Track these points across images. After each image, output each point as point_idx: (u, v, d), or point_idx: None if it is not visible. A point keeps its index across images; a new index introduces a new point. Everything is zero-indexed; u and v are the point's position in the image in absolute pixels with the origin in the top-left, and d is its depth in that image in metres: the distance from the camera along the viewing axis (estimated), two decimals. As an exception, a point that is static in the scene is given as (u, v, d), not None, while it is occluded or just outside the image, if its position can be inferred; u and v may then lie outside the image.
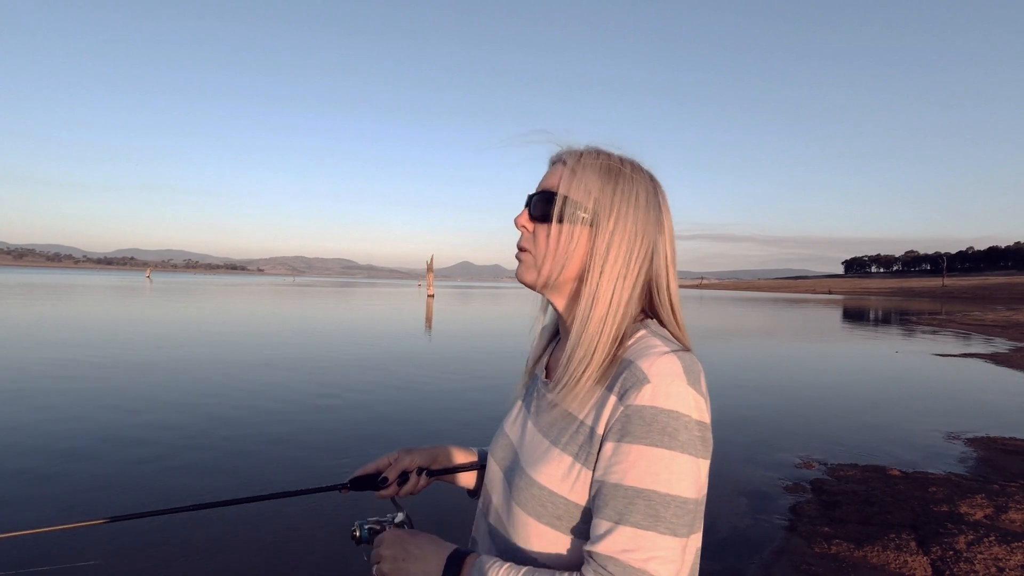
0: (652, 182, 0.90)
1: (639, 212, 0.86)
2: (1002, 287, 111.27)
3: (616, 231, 0.85)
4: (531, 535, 0.83)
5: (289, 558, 3.57)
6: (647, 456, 0.75)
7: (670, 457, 0.74)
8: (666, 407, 0.75)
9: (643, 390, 0.76)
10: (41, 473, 4.79)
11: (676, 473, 0.74)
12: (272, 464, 5.21)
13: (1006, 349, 17.54)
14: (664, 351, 0.80)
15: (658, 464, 0.74)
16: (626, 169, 0.88)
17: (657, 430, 0.75)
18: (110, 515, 1.06)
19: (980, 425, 7.48)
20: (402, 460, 1.07)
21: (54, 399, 7.39)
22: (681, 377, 0.77)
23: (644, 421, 0.75)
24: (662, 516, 0.73)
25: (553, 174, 0.90)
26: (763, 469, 5.52)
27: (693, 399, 0.77)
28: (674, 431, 0.75)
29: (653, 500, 0.73)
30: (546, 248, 0.88)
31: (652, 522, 0.73)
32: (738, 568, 3.62)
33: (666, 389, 0.76)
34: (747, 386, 10.08)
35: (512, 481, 0.89)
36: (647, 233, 0.87)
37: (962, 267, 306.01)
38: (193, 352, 12.06)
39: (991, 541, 3.75)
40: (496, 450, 0.99)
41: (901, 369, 13.47)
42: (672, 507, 0.74)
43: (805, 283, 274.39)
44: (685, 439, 0.75)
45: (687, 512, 0.75)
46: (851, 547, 3.82)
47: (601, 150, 0.90)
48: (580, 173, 0.87)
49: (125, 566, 3.40)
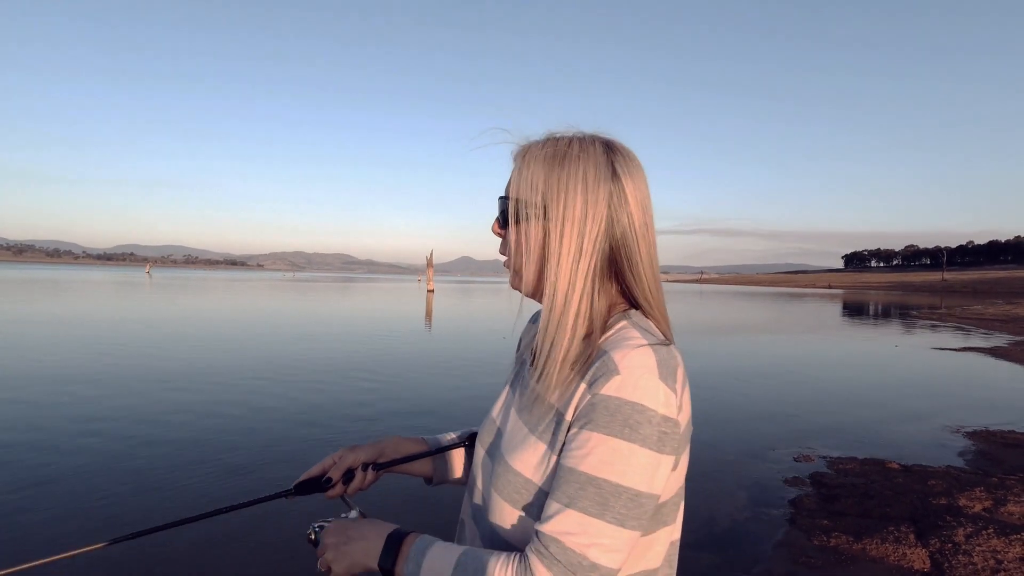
0: (607, 152, 0.85)
1: (588, 191, 0.82)
2: (1002, 281, 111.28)
3: (565, 217, 0.83)
4: (507, 520, 0.84)
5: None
6: (605, 445, 0.75)
7: (628, 449, 0.74)
8: (631, 399, 0.75)
9: (612, 380, 0.76)
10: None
11: (632, 466, 0.74)
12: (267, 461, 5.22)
13: (1006, 343, 17.55)
14: (640, 343, 0.78)
15: (615, 454, 0.74)
16: (573, 150, 0.85)
17: (619, 421, 0.74)
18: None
19: (979, 419, 7.49)
20: (346, 458, 1.05)
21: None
22: (652, 371, 0.76)
23: (608, 411, 0.75)
24: (611, 505, 0.73)
25: (511, 177, 0.90)
26: (762, 462, 5.53)
27: (663, 394, 0.76)
28: (636, 424, 0.74)
29: (604, 489, 0.74)
30: (515, 252, 0.88)
31: (600, 510, 0.73)
32: (738, 561, 3.63)
33: (635, 381, 0.75)
34: (746, 379, 10.10)
35: (493, 467, 0.90)
36: (598, 208, 0.83)
37: (962, 261, 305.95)
38: (204, 350, 12.07)
39: (990, 534, 3.77)
40: (483, 434, 1.00)
41: (900, 363, 13.48)
42: (623, 498, 0.73)
43: (805, 277, 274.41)
44: (647, 433, 0.74)
45: (638, 506, 0.74)
46: (850, 540, 3.84)
47: (551, 137, 0.87)
48: (526, 170, 0.86)
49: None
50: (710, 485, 4.86)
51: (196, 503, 4.18)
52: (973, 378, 11.41)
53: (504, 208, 0.89)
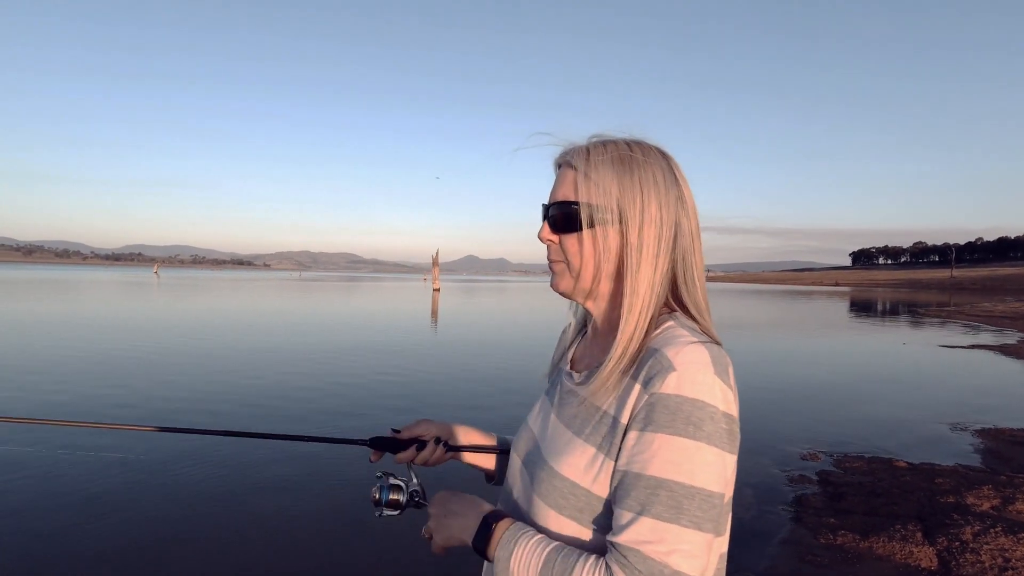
0: (664, 158, 0.87)
1: (660, 195, 0.84)
2: (1011, 278, 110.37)
3: (644, 221, 0.83)
4: (552, 527, 0.82)
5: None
6: (670, 445, 0.73)
7: (695, 447, 0.72)
8: (692, 396, 0.73)
9: (668, 378, 0.74)
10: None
11: (700, 464, 0.72)
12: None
13: (1015, 340, 17.43)
14: (691, 340, 0.78)
15: (682, 454, 0.72)
16: (637, 154, 0.85)
17: (682, 419, 0.73)
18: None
19: (987, 416, 7.45)
20: (420, 427, 1.09)
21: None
22: (708, 366, 0.75)
23: (668, 410, 0.73)
24: (685, 508, 0.71)
25: (566, 181, 0.88)
26: (769, 460, 5.53)
27: (720, 390, 0.74)
28: (699, 421, 0.72)
29: (676, 491, 0.71)
30: (580, 257, 0.86)
31: (675, 514, 0.71)
32: (744, 559, 3.63)
33: (692, 377, 0.74)
34: (753, 377, 10.07)
35: (533, 473, 0.88)
36: (670, 213, 0.85)
37: (971, 258, 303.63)
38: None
39: (997, 532, 3.75)
40: (518, 443, 0.99)
41: (908, 360, 13.41)
42: (696, 500, 0.71)
43: (812, 275, 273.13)
44: (711, 430, 0.73)
45: (712, 507, 0.72)
46: (857, 538, 3.83)
47: (607, 141, 0.88)
48: (594, 174, 0.85)
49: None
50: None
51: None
52: (982, 376, 11.34)
53: (569, 214, 0.86)
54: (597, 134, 0.89)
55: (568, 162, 0.89)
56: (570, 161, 0.88)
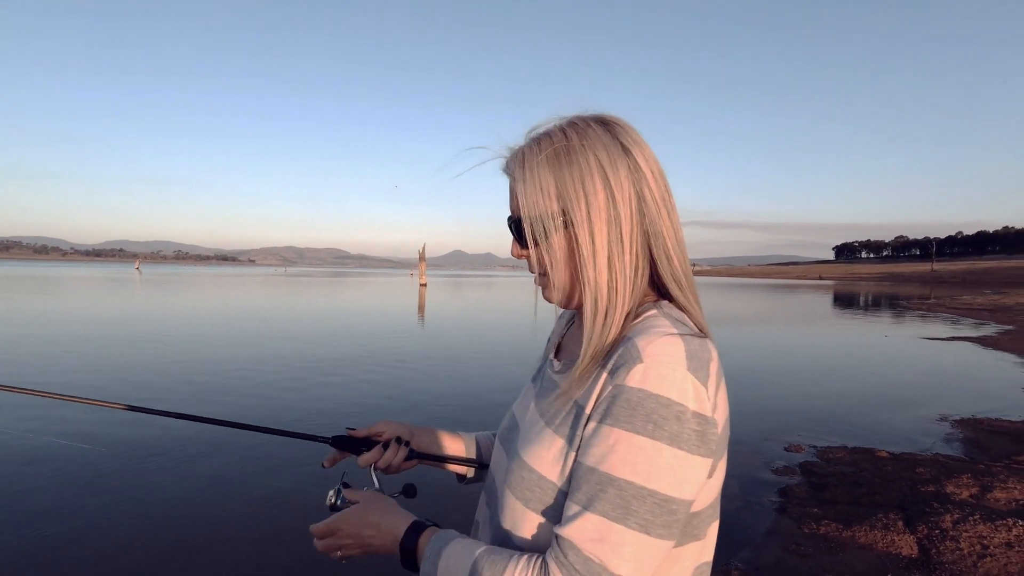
0: (606, 130, 0.80)
1: (608, 176, 0.77)
2: (991, 271, 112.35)
3: (591, 215, 0.77)
4: (519, 520, 0.78)
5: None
6: (626, 442, 0.68)
7: (652, 447, 0.67)
8: (656, 392, 0.68)
9: (634, 369, 0.70)
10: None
11: (657, 466, 0.67)
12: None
13: (994, 332, 17.77)
14: (668, 332, 0.72)
15: (637, 453, 0.68)
16: (573, 141, 0.79)
17: (642, 416, 0.68)
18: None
19: (967, 407, 7.59)
20: (379, 427, 1.04)
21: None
22: (681, 361, 0.69)
23: (629, 404, 0.69)
24: (634, 510, 0.67)
25: (512, 194, 0.83)
26: (753, 452, 5.59)
27: (692, 387, 0.69)
28: (661, 420, 0.67)
29: (626, 491, 0.67)
30: (552, 266, 0.81)
31: (621, 514, 0.67)
32: (729, 550, 3.67)
33: (660, 371, 0.69)
34: (737, 370, 10.16)
35: (509, 463, 0.85)
36: (623, 190, 0.77)
37: (951, 252, 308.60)
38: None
39: (976, 519, 3.83)
40: (502, 430, 0.97)
41: (890, 353, 13.62)
42: (648, 503, 0.67)
43: (796, 269, 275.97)
44: (674, 430, 0.68)
45: (667, 512, 0.68)
46: (840, 527, 3.89)
47: (541, 136, 0.81)
48: (530, 180, 0.79)
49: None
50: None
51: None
52: (961, 367, 11.54)
53: (519, 230, 0.82)
54: (534, 127, 0.84)
55: (509, 172, 0.84)
56: (509, 171, 0.84)
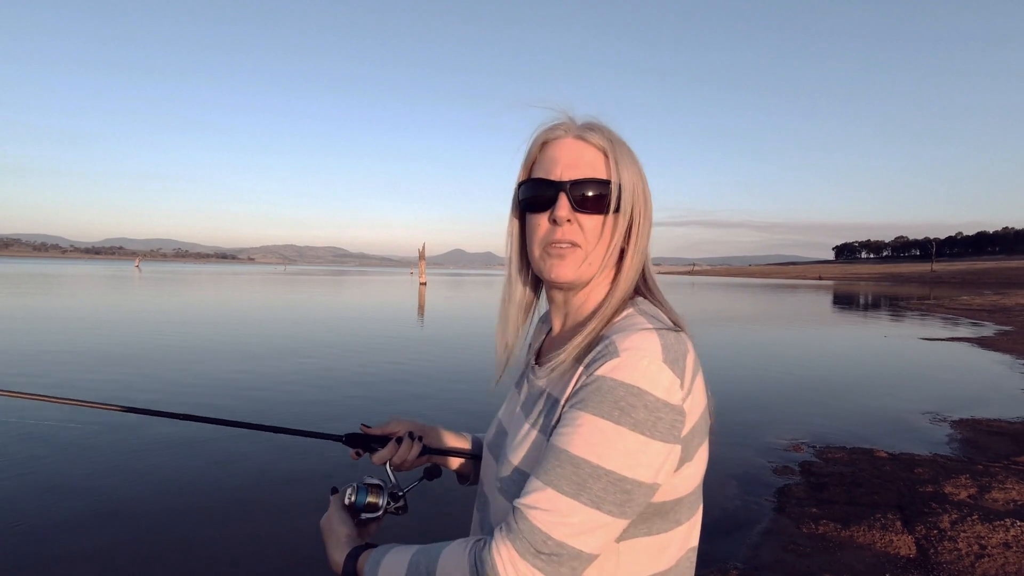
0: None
1: (647, 188, 0.85)
2: (990, 272, 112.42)
3: (645, 213, 0.84)
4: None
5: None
6: (590, 425, 0.71)
7: (614, 431, 0.70)
8: (627, 381, 0.71)
9: (609, 362, 0.72)
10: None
11: (617, 448, 0.70)
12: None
13: (993, 333, 17.77)
14: (645, 327, 0.75)
15: (599, 435, 0.70)
16: (625, 141, 0.85)
17: (610, 402, 0.71)
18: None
19: (965, 407, 7.60)
20: (391, 425, 1.06)
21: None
22: (656, 354, 0.72)
23: (600, 391, 0.72)
24: (588, 487, 0.69)
25: (587, 156, 0.82)
26: (752, 452, 5.59)
27: (666, 379, 0.71)
28: (629, 407, 0.70)
29: (582, 469, 0.70)
30: (598, 240, 0.82)
31: (575, 490, 0.69)
32: (727, 549, 3.68)
33: (633, 364, 0.71)
34: (736, 369, 10.17)
35: (498, 467, 0.87)
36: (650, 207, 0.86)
37: (951, 252, 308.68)
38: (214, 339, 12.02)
39: (974, 520, 3.83)
40: (488, 437, 0.98)
41: (889, 353, 13.63)
42: (603, 481, 0.69)
43: (796, 269, 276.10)
44: (641, 417, 0.70)
45: (621, 491, 0.70)
46: (838, 527, 3.89)
47: (596, 122, 0.85)
48: (621, 157, 0.82)
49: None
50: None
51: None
52: (960, 367, 11.54)
53: (598, 192, 0.81)
54: (589, 116, 0.86)
55: (584, 137, 0.83)
56: (587, 137, 0.83)
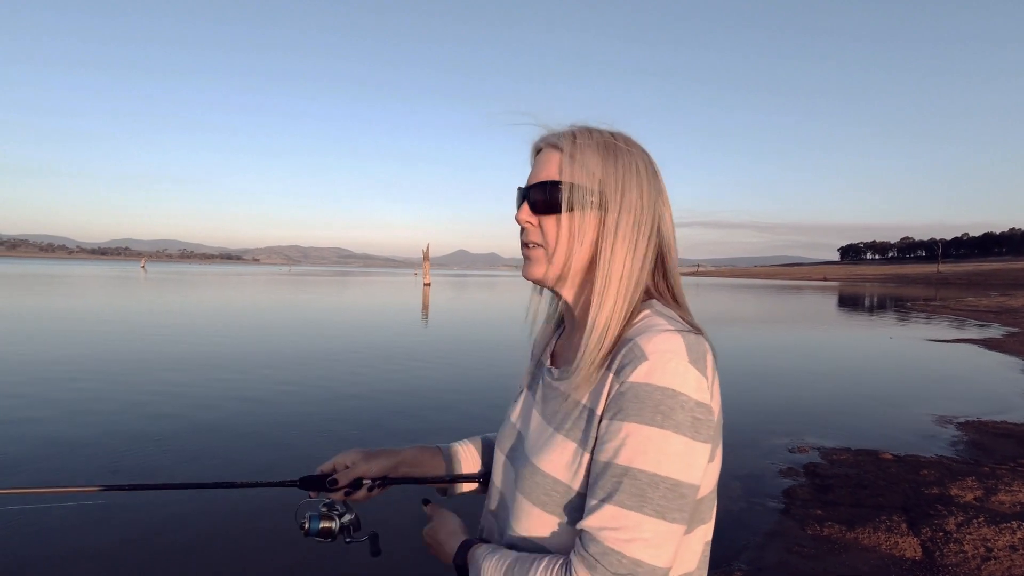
0: (645, 152, 0.88)
1: (642, 183, 0.84)
2: (997, 273, 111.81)
3: (623, 207, 0.83)
4: (535, 524, 0.82)
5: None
6: (637, 434, 0.72)
7: (661, 436, 0.71)
8: (661, 384, 0.72)
9: (640, 367, 0.73)
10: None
11: (667, 453, 0.71)
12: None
13: (999, 334, 17.67)
14: (667, 329, 0.76)
15: (647, 443, 0.71)
16: (620, 143, 0.86)
17: (650, 408, 0.72)
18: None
19: (971, 409, 7.56)
20: (358, 466, 1.00)
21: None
22: (682, 355, 0.74)
23: (637, 398, 0.72)
24: (649, 497, 0.70)
25: (549, 161, 0.86)
26: (757, 453, 5.58)
27: (694, 378, 0.73)
28: (668, 410, 0.71)
29: (639, 479, 0.71)
30: (557, 239, 0.84)
31: (637, 502, 0.70)
32: (732, 550, 3.67)
33: (663, 366, 0.72)
34: (742, 371, 10.14)
35: (518, 471, 0.88)
36: (652, 204, 0.85)
37: (957, 253, 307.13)
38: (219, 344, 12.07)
39: (980, 522, 3.81)
40: (502, 440, 0.98)
41: (895, 354, 13.57)
42: (661, 488, 0.70)
43: (800, 270, 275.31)
44: (680, 419, 0.71)
45: (679, 496, 0.71)
46: (843, 529, 3.88)
47: (591, 128, 0.87)
48: (579, 156, 0.83)
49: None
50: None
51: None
52: (966, 369, 11.49)
53: (552, 194, 0.84)
54: (579, 123, 0.89)
55: (553, 143, 0.87)
56: (555, 143, 0.87)
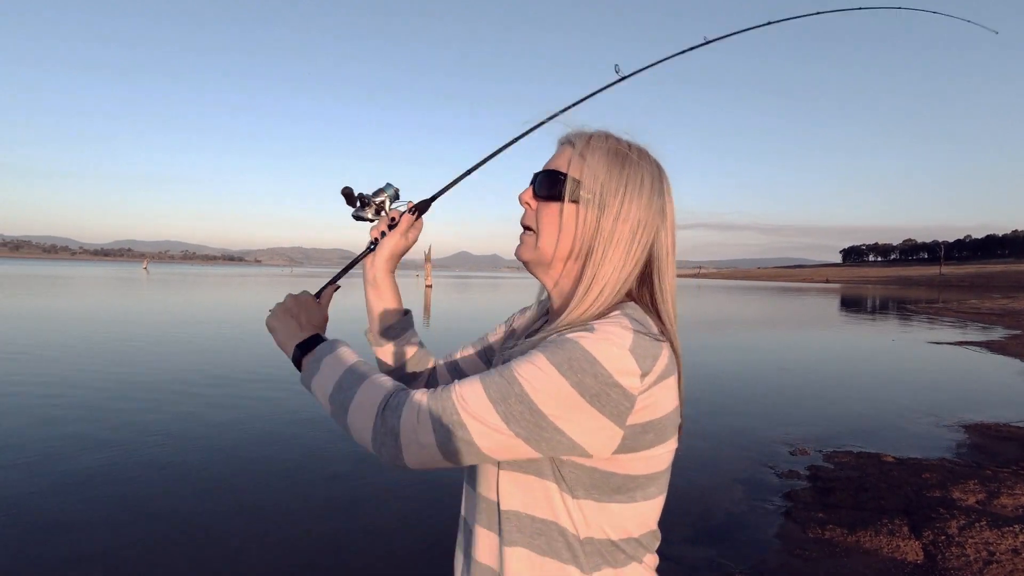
0: (658, 170, 0.91)
1: (643, 198, 0.87)
2: (999, 275, 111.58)
3: (621, 215, 0.86)
4: (503, 483, 0.87)
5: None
6: (539, 363, 0.76)
7: (557, 380, 0.75)
8: (587, 348, 0.75)
9: (580, 332, 0.78)
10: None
11: (552, 393, 0.75)
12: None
13: (1001, 337, 17.61)
14: (625, 325, 0.79)
15: (542, 375, 0.75)
16: (632, 155, 0.89)
17: (563, 357, 0.76)
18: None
19: (974, 412, 7.54)
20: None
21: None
22: (624, 343, 0.77)
23: (559, 345, 0.77)
24: (508, 403, 0.75)
25: (561, 155, 0.91)
26: (758, 456, 5.57)
27: (622, 363, 0.76)
28: (579, 369, 0.74)
29: (512, 388, 0.76)
30: (550, 227, 0.89)
31: (498, 398, 0.76)
32: (733, 553, 3.66)
33: (598, 341, 0.76)
34: (742, 373, 10.14)
35: None
36: (650, 220, 0.88)
37: (959, 255, 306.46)
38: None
39: (982, 526, 3.80)
40: None
41: (897, 357, 13.53)
42: (523, 406, 0.75)
43: (803, 272, 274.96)
44: (587, 382, 0.74)
45: (532, 422, 0.75)
46: (845, 532, 3.87)
47: (610, 134, 0.91)
48: (588, 155, 0.88)
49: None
50: (706, 478, 4.90)
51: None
52: (968, 372, 11.46)
53: (554, 183, 0.89)
54: (604, 128, 0.93)
55: (569, 140, 0.92)
56: (571, 140, 0.92)
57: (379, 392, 0.83)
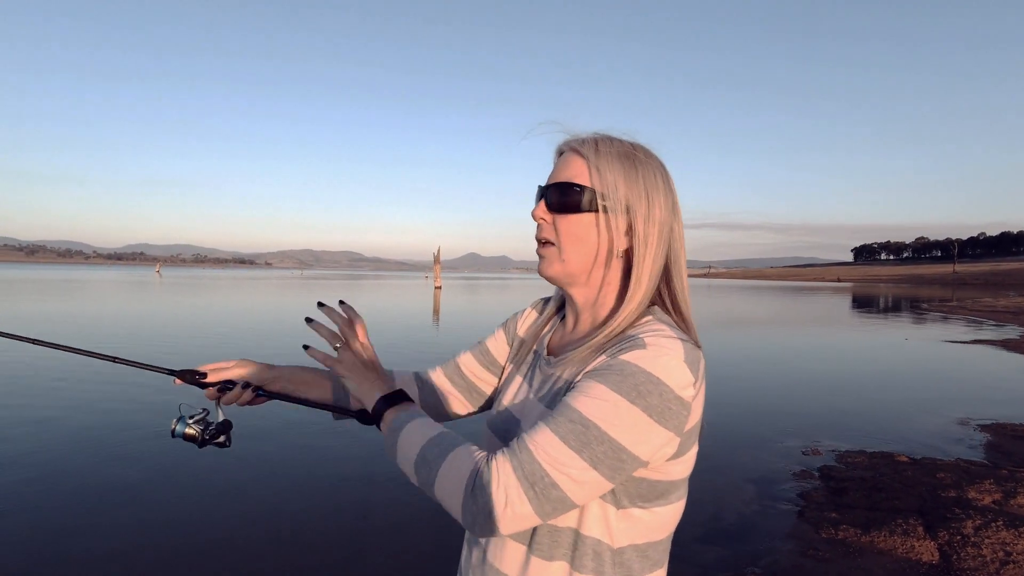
0: (662, 165, 0.92)
1: (660, 196, 0.88)
2: (1014, 273, 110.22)
3: (650, 217, 0.87)
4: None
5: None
6: (606, 397, 0.75)
7: (627, 407, 0.74)
8: (648, 369, 0.76)
9: (635, 351, 0.78)
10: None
11: (626, 423, 0.74)
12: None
13: (1017, 335, 17.41)
14: (671, 335, 0.81)
15: (612, 408, 0.75)
16: (640, 154, 0.89)
17: (630, 383, 0.75)
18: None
19: (989, 411, 7.46)
20: (233, 370, 1.04)
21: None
22: (679, 354, 0.78)
23: (622, 372, 0.76)
24: (591, 447, 0.74)
25: (568, 165, 0.89)
26: (771, 456, 5.54)
27: (681, 376, 0.77)
28: (646, 392, 0.75)
29: (590, 431, 0.74)
30: (570, 237, 0.88)
31: (579, 446, 0.74)
32: (746, 554, 3.65)
33: (656, 357, 0.77)
34: (755, 372, 10.09)
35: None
36: (667, 215, 0.89)
37: (973, 253, 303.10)
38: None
39: (999, 526, 3.76)
40: (494, 420, 1.00)
41: (910, 356, 13.41)
42: (605, 446, 0.74)
43: (813, 271, 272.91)
44: (653, 402, 0.75)
45: (617, 459, 0.75)
46: (858, 532, 3.84)
47: (612, 137, 0.91)
48: (604, 165, 0.87)
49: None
50: (718, 479, 4.88)
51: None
52: (983, 371, 11.34)
53: (574, 195, 0.87)
54: (601, 130, 0.92)
55: (576, 149, 0.90)
56: (578, 149, 0.90)
57: (464, 468, 0.78)
